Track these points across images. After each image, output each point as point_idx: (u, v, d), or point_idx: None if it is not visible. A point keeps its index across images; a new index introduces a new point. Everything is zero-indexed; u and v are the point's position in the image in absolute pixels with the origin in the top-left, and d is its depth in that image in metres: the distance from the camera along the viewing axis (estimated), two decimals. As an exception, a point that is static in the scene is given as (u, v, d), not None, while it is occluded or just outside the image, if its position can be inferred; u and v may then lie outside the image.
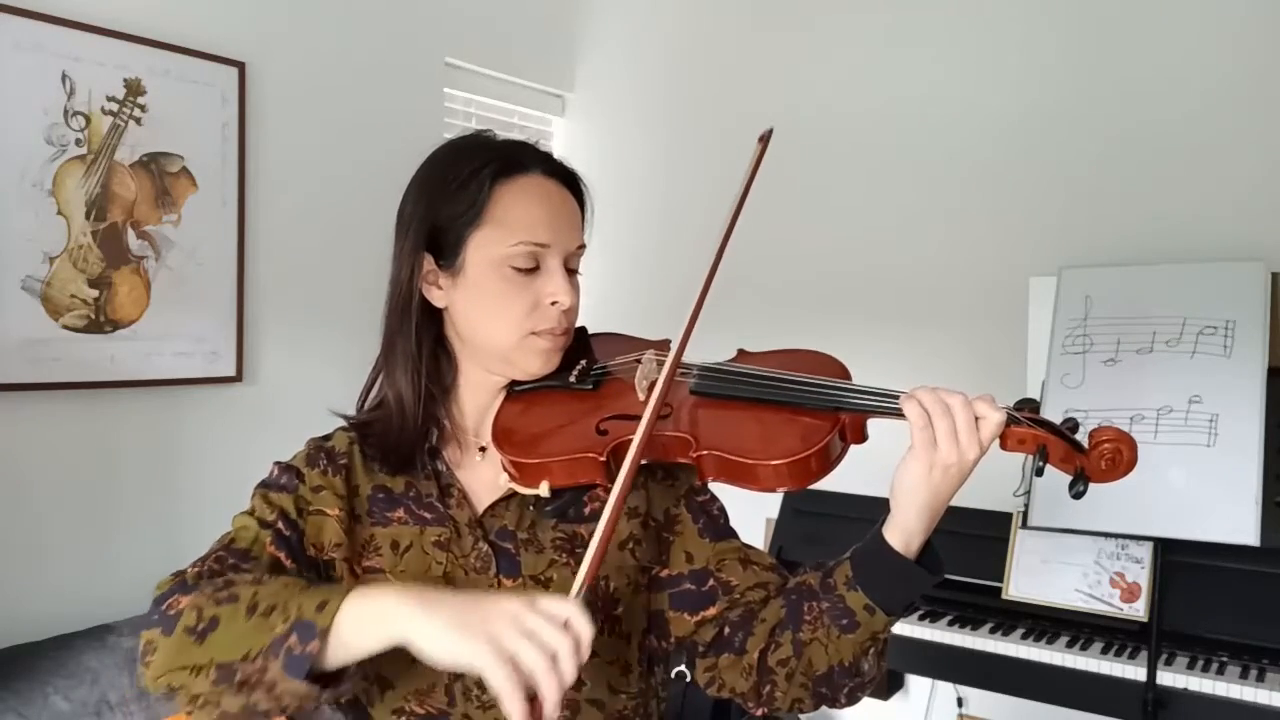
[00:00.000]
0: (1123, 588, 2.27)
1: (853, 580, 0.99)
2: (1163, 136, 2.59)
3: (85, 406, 2.25)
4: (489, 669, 0.80)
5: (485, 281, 1.05)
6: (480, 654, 0.80)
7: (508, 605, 0.83)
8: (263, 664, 0.85)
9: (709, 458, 0.98)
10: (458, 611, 0.83)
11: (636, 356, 1.10)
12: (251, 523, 1.04)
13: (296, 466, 1.09)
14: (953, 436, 0.92)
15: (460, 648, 0.81)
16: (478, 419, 1.12)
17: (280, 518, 1.04)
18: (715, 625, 1.08)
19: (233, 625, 0.88)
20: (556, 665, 0.80)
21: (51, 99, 2.16)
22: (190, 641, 0.88)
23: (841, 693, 1.03)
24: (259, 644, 0.86)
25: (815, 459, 0.95)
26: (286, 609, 0.87)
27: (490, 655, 0.80)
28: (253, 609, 0.88)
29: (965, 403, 0.93)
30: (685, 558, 1.10)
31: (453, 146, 1.12)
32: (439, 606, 0.84)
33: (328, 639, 0.84)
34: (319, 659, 0.85)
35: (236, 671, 0.86)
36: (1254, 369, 2.20)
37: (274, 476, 1.09)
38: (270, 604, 0.88)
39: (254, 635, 0.86)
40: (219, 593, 0.91)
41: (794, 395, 0.99)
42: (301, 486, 1.07)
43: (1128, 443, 0.93)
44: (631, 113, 3.50)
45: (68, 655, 1.99)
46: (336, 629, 0.85)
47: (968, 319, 2.85)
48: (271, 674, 0.85)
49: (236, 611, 0.88)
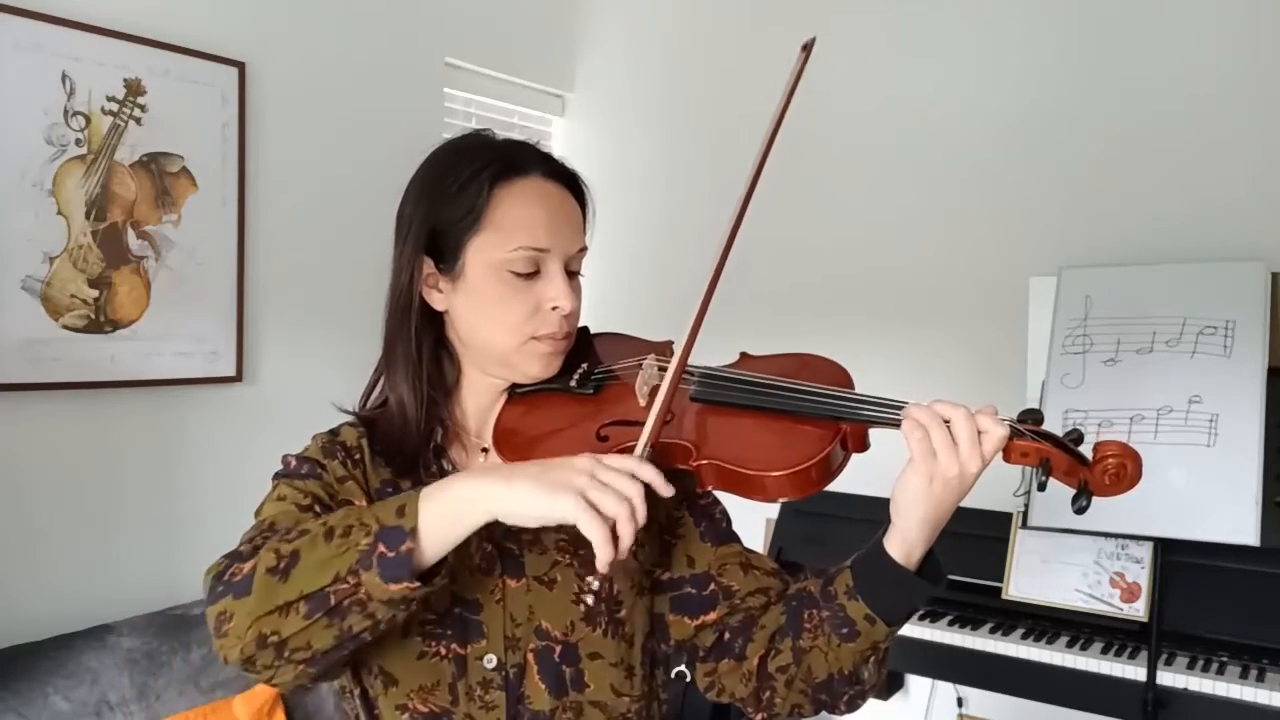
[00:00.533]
0: (1123, 588, 2.27)
1: (853, 589, 0.98)
2: (1163, 136, 2.59)
3: (85, 406, 2.25)
4: (580, 519, 0.85)
5: (485, 286, 1.04)
6: (568, 506, 0.85)
7: (581, 463, 0.89)
8: (355, 580, 0.85)
9: (709, 467, 0.97)
10: (536, 475, 0.88)
11: (638, 361, 1.09)
12: (288, 507, 1.00)
13: (314, 458, 1.06)
14: (951, 448, 0.91)
15: (549, 505, 0.86)
16: (480, 420, 1.11)
17: (315, 501, 1.01)
18: (715, 630, 1.08)
19: (314, 552, 0.87)
20: (634, 510, 0.87)
21: (51, 99, 2.15)
22: (274, 582, 0.86)
23: (841, 700, 1.03)
24: (348, 562, 0.86)
25: (816, 469, 0.95)
26: (365, 523, 0.87)
27: (579, 507, 0.85)
28: (330, 533, 0.88)
29: (967, 415, 0.92)
30: (687, 561, 1.10)
31: (452, 147, 1.10)
32: (516, 475, 0.89)
33: (418, 536, 0.86)
34: (415, 557, 0.86)
35: (329, 596, 0.86)
36: (1254, 369, 2.20)
37: (294, 468, 1.05)
38: (348, 524, 0.88)
39: (340, 556, 0.86)
40: (288, 535, 0.90)
41: (795, 404, 0.99)
42: (325, 474, 1.05)
43: (1132, 457, 0.92)
44: (631, 113, 3.50)
45: (68, 655, 1.99)
46: (424, 525, 0.87)
47: (968, 319, 2.85)
48: (366, 586, 0.85)
49: (315, 540, 0.88)
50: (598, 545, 0.85)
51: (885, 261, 2.99)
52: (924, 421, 0.92)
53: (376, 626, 0.89)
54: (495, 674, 1.02)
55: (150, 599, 2.29)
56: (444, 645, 1.02)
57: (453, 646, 1.02)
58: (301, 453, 1.08)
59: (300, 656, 0.88)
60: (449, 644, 1.02)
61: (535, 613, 1.04)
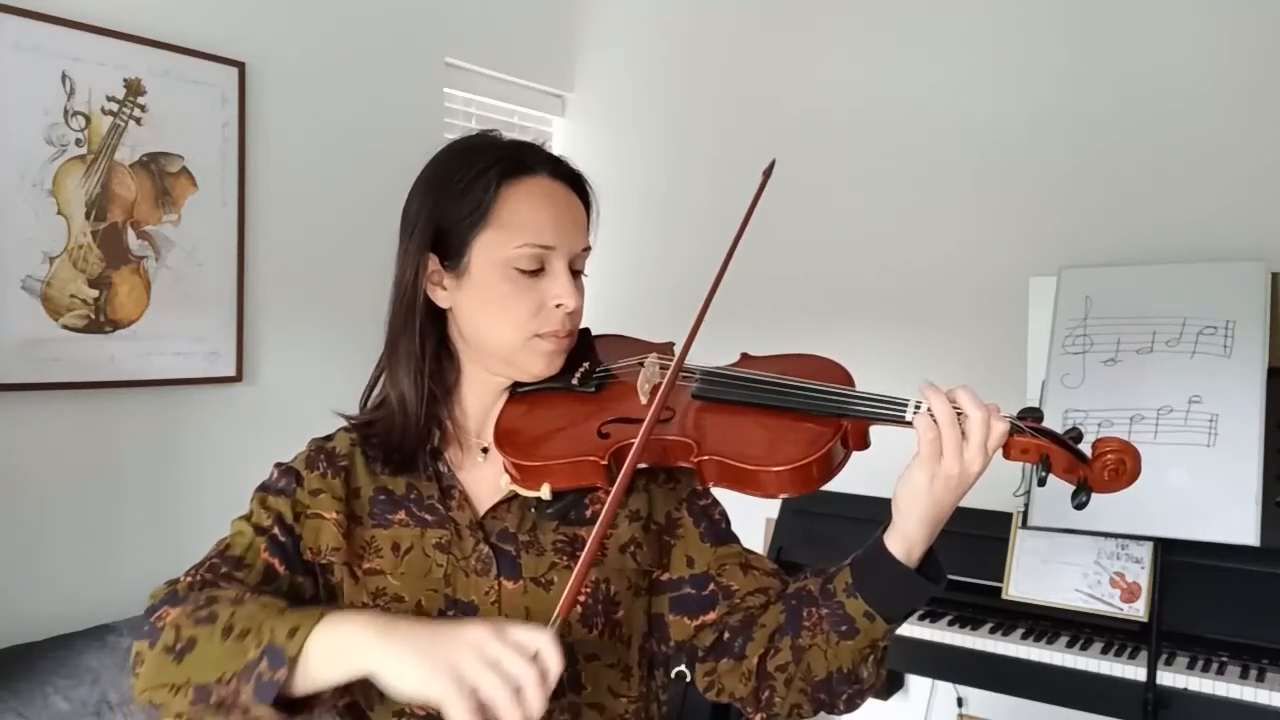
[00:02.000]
0: (1123, 588, 2.27)
1: (853, 587, 0.98)
2: (1163, 136, 2.59)
3: (85, 406, 2.25)
4: (448, 701, 0.79)
5: (490, 283, 1.05)
6: (441, 686, 0.80)
7: (474, 634, 0.82)
8: (236, 687, 0.87)
9: (710, 463, 0.98)
10: (421, 642, 0.83)
11: (639, 359, 1.09)
12: (247, 529, 1.05)
13: (296, 469, 1.09)
14: (958, 448, 0.91)
15: (422, 679, 0.81)
16: (480, 420, 1.11)
17: (276, 523, 1.05)
18: (715, 630, 1.08)
19: (209, 646, 0.89)
20: (521, 697, 0.79)
21: (51, 99, 2.15)
22: (169, 660, 0.91)
23: (840, 699, 1.03)
24: (233, 667, 0.87)
25: (817, 466, 0.95)
26: (260, 633, 0.88)
27: (451, 687, 0.79)
28: (228, 631, 0.90)
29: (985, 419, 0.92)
30: (686, 562, 1.10)
31: (458, 147, 1.11)
32: (403, 637, 0.84)
33: (295, 667, 0.86)
34: (287, 686, 0.86)
35: (212, 693, 0.88)
36: (1254, 369, 2.20)
37: (273, 480, 1.09)
38: (245, 627, 0.89)
39: (229, 658, 0.88)
40: (199, 610, 0.93)
41: (796, 401, 0.99)
42: (299, 490, 1.07)
43: (1131, 454, 0.93)
44: (631, 113, 3.50)
45: (68, 655, 1.99)
46: (304, 657, 0.86)
47: (968, 319, 2.85)
48: (244, 698, 0.87)
49: (213, 633, 0.90)
50: None
51: (885, 262, 2.99)
52: (940, 420, 0.92)
53: None
54: (493, 676, 1.02)
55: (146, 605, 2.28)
56: None
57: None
58: (289, 462, 1.11)
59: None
60: None
61: (532, 614, 1.04)
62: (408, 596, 1.05)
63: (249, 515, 1.07)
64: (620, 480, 0.94)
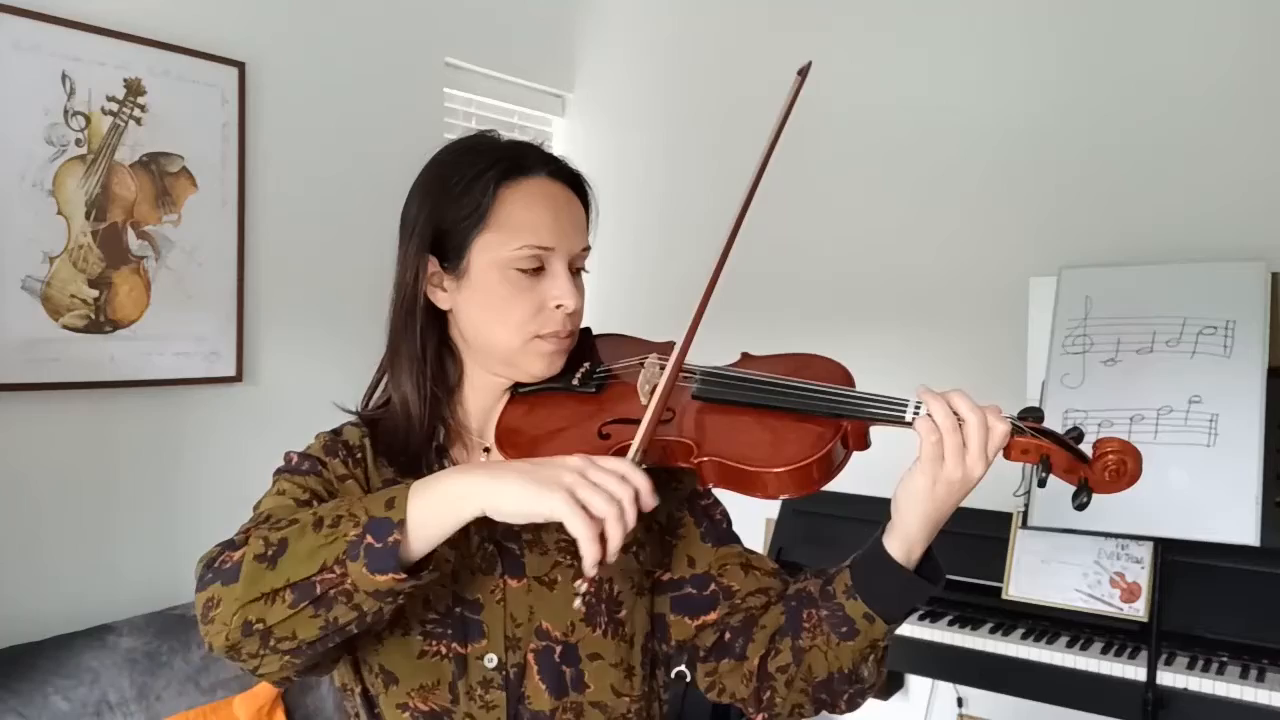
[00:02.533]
0: (1123, 588, 2.27)
1: (852, 589, 0.99)
2: (1163, 136, 2.59)
3: (85, 406, 2.24)
4: (567, 516, 0.84)
5: (489, 284, 1.05)
6: (557, 504, 0.85)
7: (573, 461, 0.88)
8: (342, 570, 0.86)
9: (710, 464, 0.98)
10: (526, 471, 0.87)
11: (640, 359, 1.09)
12: (287, 501, 1.00)
13: (315, 455, 1.07)
14: (960, 453, 0.91)
15: (538, 502, 0.85)
16: (482, 420, 1.11)
17: (314, 497, 1.02)
18: (716, 630, 1.08)
19: (302, 541, 0.87)
20: (623, 513, 0.85)
21: (51, 99, 2.15)
22: (262, 569, 0.87)
23: (841, 699, 1.03)
24: (335, 552, 0.86)
25: (817, 467, 0.95)
26: (354, 514, 0.87)
27: (567, 505, 0.84)
28: (319, 523, 0.88)
29: (982, 422, 0.91)
30: (687, 562, 1.10)
31: (457, 148, 1.11)
32: (506, 471, 0.88)
33: (406, 529, 0.86)
34: (402, 550, 0.86)
35: (315, 585, 0.86)
36: (1254, 369, 2.20)
37: (295, 464, 1.06)
38: (336, 515, 0.88)
39: (328, 546, 0.86)
40: (278, 524, 0.91)
41: (796, 401, 0.99)
42: (326, 472, 1.06)
43: (1132, 454, 0.93)
44: (631, 113, 3.50)
45: (68, 655, 1.99)
46: (412, 519, 0.86)
47: (968, 319, 2.85)
48: (353, 577, 0.85)
49: (304, 529, 0.88)
50: (583, 544, 0.85)
51: (885, 262, 2.99)
52: (941, 425, 0.91)
53: (363, 619, 0.89)
54: (495, 674, 1.03)
55: (150, 599, 2.29)
56: (444, 644, 1.02)
57: (453, 646, 1.02)
58: (304, 450, 1.09)
59: (285, 646, 0.88)
60: (449, 643, 1.02)
61: (536, 613, 1.04)
62: (415, 592, 1.04)
63: (281, 492, 1.02)
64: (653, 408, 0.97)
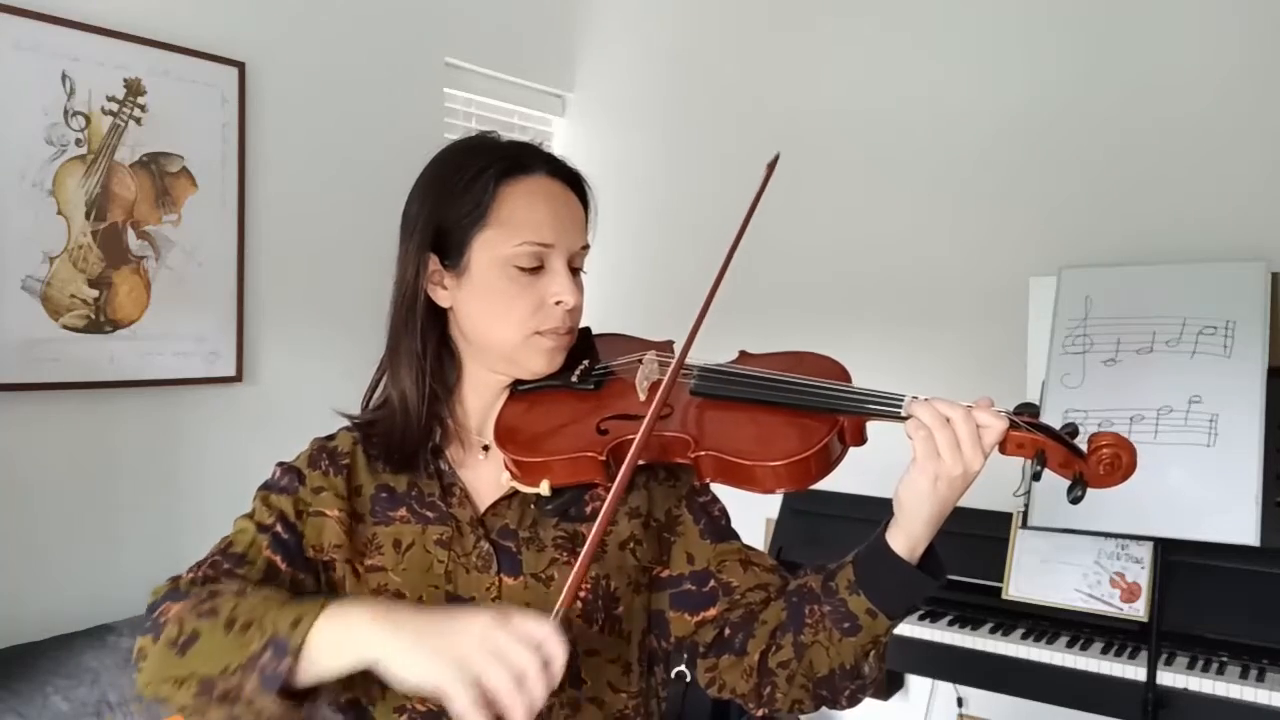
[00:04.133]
0: (1123, 588, 2.27)
1: (855, 584, 0.99)
2: (1163, 137, 2.59)
3: (85, 406, 2.25)
4: (452, 690, 0.80)
5: (490, 281, 1.05)
6: (445, 675, 0.80)
7: (477, 624, 0.83)
8: (240, 679, 0.87)
9: (707, 458, 0.98)
10: (425, 632, 0.84)
11: (639, 357, 1.10)
12: (250, 526, 1.06)
13: (298, 468, 1.10)
14: (955, 448, 0.91)
15: (426, 669, 0.82)
16: (481, 418, 1.12)
17: (279, 520, 1.06)
18: (715, 626, 1.08)
19: (212, 639, 0.90)
20: (524, 686, 0.80)
21: (51, 99, 2.15)
22: (173, 654, 0.91)
23: (842, 695, 1.04)
24: (237, 659, 0.88)
25: (813, 461, 0.95)
26: (263, 625, 0.89)
27: (454, 677, 0.80)
28: (231, 624, 0.90)
29: (966, 415, 0.92)
30: (686, 558, 1.11)
31: (457, 147, 1.12)
32: (406, 627, 0.85)
33: (299, 657, 0.86)
34: (291, 676, 0.86)
35: (216, 685, 0.89)
36: (1254, 369, 2.20)
37: (275, 478, 1.10)
38: (248, 619, 0.90)
39: (232, 650, 0.88)
40: (201, 605, 0.93)
41: (793, 397, 0.99)
42: (301, 488, 1.08)
43: (1127, 448, 0.93)
44: (631, 113, 3.50)
45: (68, 655, 1.99)
46: (308, 648, 0.86)
47: (968, 319, 2.85)
48: (249, 689, 0.87)
49: (216, 626, 0.90)
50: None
51: (885, 262, 2.99)
52: (929, 423, 0.92)
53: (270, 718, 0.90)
54: (494, 671, 1.02)
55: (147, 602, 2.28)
56: None
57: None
58: (292, 461, 1.12)
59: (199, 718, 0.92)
60: None
61: (532, 610, 1.04)
62: (409, 593, 1.05)
63: (252, 513, 1.08)
64: (621, 475, 0.94)
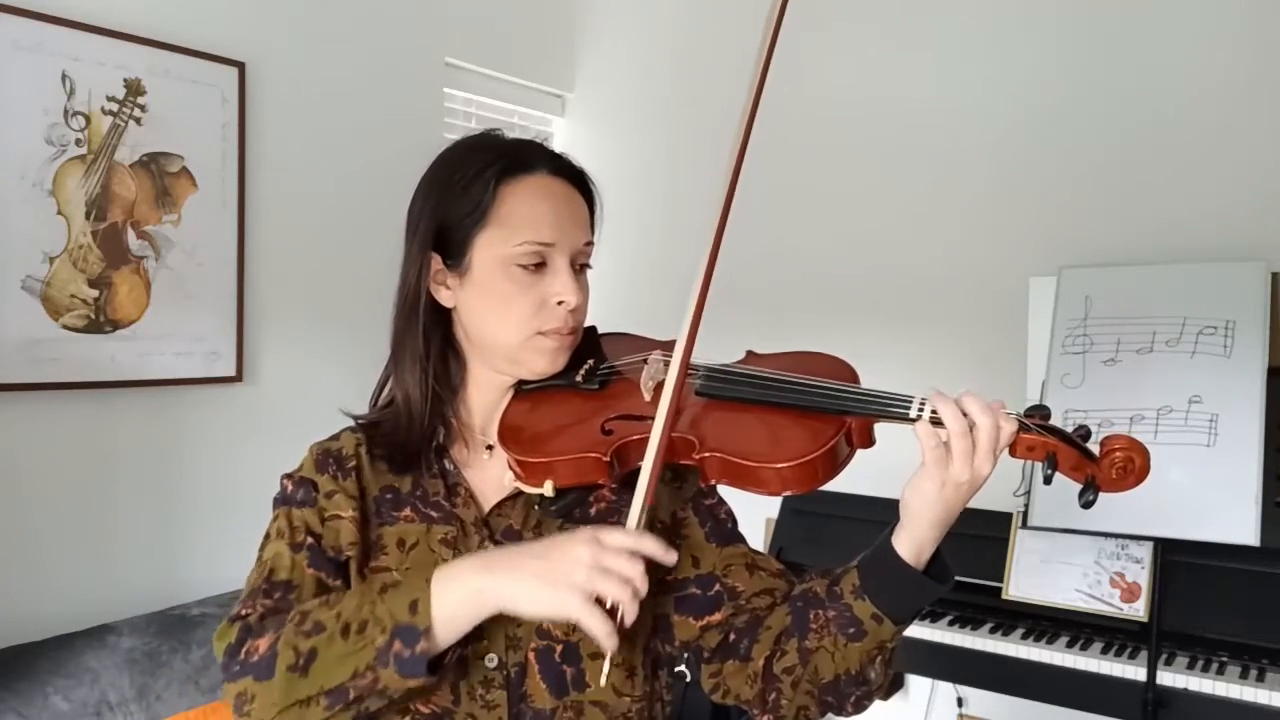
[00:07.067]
0: (1123, 588, 2.28)
1: (860, 589, 0.98)
2: (1163, 136, 2.59)
3: (84, 406, 2.24)
4: (584, 617, 0.89)
5: (492, 281, 1.05)
6: (570, 603, 0.90)
7: (581, 550, 0.91)
8: (374, 676, 0.92)
9: (713, 460, 0.97)
10: (537, 570, 0.91)
11: (643, 356, 1.09)
12: (284, 548, 1.05)
13: (308, 477, 1.09)
14: (968, 456, 0.90)
15: (551, 602, 0.91)
16: (485, 418, 1.11)
17: (308, 534, 1.05)
18: (720, 631, 1.08)
19: (331, 650, 0.93)
20: (636, 591, 0.91)
21: (51, 99, 2.15)
22: (295, 678, 0.93)
23: (848, 701, 1.03)
24: (365, 659, 0.92)
25: (820, 463, 0.94)
26: (379, 619, 0.92)
27: (579, 603, 0.89)
28: (346, 630, 0.93)
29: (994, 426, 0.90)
30: (692, 562, 1.10)
31: (460, 146, 1.12)
32: (520, 570, 0.92)
33: (433, 635, 0.91)
34: (431, 654, 0.92)
35: (349, 690, 0.92)
36: (1254, 369, 2.20)
37: (290, 493, 1.08)
38: (360, 620, 0.93)
39: (357, 653, 0.92)
40: (301, 625, 0.95)
41: (800, 398, 0.98)
42: (318, 497, 1.08)
43: (1140, 451, 0.91)
44: (631, 113, 3.50)
45: (68, 655, 1.98)
46: (435, 624, 0.92)
47: (968, 319, 2.85)
48: (384, 680, 0.92)
49: (330, 637, 0.93)
50: (601, 638, 0.90)
51: (886, 262, 2.99)
52: (952, 430, 0.90)
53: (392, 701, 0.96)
54: (496, 673, 1.03)
55: (150, 599, 2.28)
56: None
57: (454, 646, 1.02)
58: (297, 471, 1.11)
59: None
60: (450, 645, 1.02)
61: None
62: None
63: (279, 535, 1.06)
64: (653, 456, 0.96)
